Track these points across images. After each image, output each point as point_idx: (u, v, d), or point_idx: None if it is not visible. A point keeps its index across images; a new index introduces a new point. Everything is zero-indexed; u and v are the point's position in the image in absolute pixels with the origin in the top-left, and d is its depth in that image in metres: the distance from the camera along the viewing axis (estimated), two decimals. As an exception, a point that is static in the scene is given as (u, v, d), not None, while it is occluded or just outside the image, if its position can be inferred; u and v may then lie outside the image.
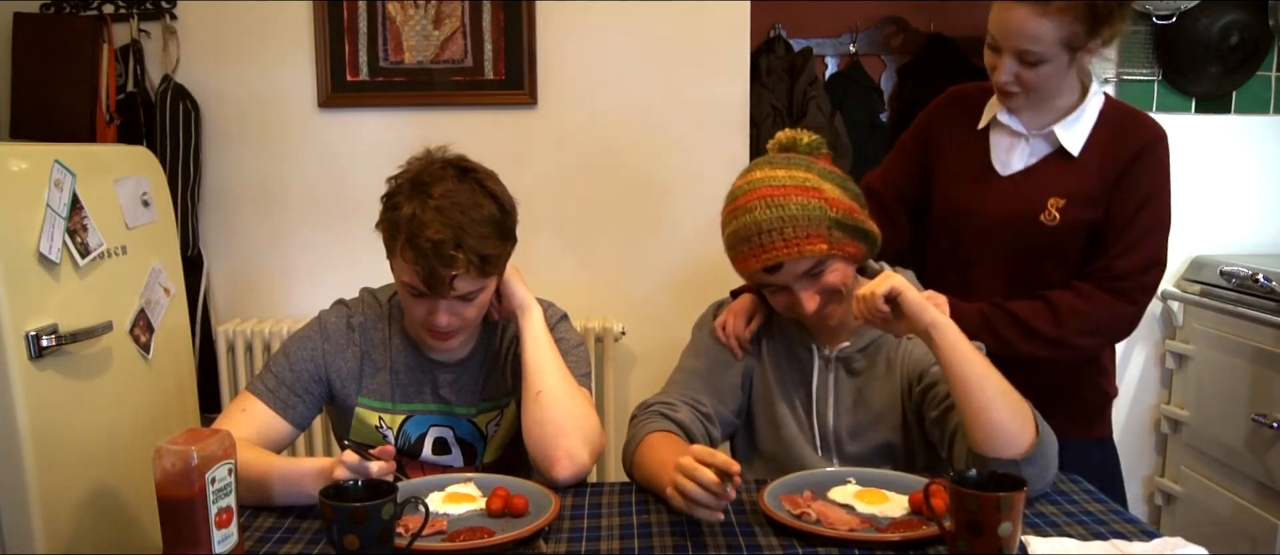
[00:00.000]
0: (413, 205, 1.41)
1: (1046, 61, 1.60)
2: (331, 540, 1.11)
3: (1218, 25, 2.66)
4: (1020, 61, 1.61)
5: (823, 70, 3.88)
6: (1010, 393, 1.32)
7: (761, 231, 1.42)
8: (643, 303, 2.72)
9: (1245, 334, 2.47)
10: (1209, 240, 2.79)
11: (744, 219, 1.44)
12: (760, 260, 1.43)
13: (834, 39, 3.87)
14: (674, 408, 1.50)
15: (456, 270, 1.40)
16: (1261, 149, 2.78)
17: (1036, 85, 1.63)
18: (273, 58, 2.64)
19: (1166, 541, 1.19)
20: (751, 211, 1.44)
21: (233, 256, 2.73)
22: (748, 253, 1.44)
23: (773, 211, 1.42)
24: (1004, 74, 1.62)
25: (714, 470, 1.18)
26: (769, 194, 1.44)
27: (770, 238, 1.42)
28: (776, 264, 1.42)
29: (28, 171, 1.70)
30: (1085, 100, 1.69)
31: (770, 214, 1.42)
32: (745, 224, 1.44)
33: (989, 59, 1.67)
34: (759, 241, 1.42)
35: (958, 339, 1.32)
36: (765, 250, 1.42)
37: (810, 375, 1.56)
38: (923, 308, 1.32)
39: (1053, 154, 1.70)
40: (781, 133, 1.56)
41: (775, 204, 1.42)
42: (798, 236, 1.41)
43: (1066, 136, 1.68)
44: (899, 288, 1.31)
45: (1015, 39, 1.59)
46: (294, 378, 1.53)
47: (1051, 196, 1.67)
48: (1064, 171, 1.68)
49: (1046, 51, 1.58)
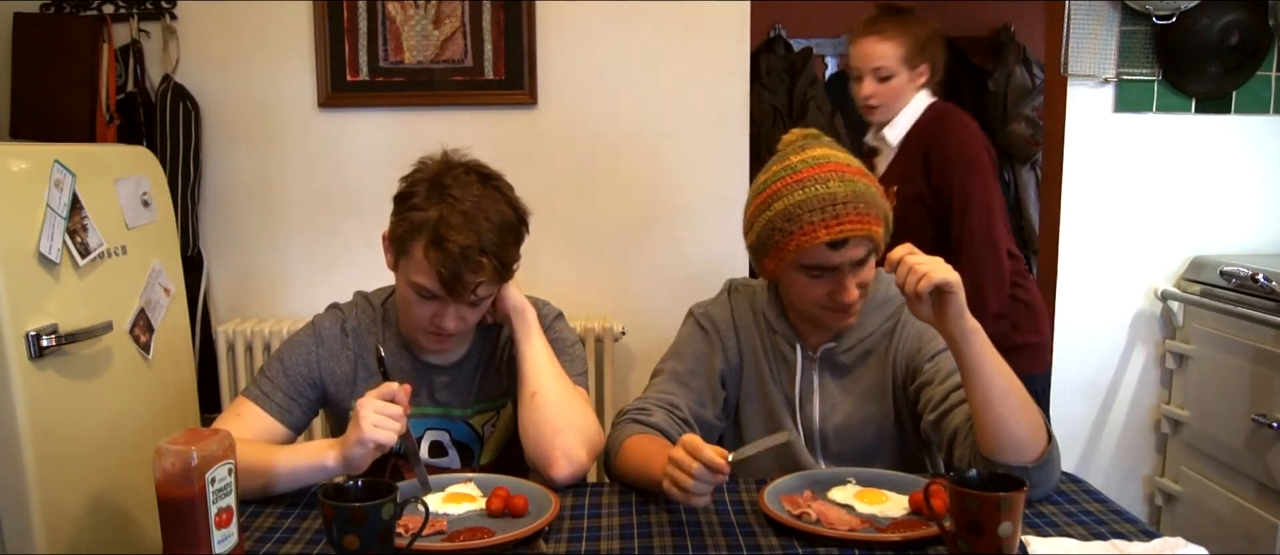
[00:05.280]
0: (438, 208, 1.41)
1: (894, 75, 2.22)
2: (331, 540, 1.11)
3: (1218, 25, 2.66)
4: (876, 79, 2.22)
5: (823, 70, 3.88)
6: (1029, 404, 1.30)
7: (837, 202, 1.38)
8: (643, 303, 2.72)
9: (1245, 334, 2.47)
10: (1209, 240, 2.79)
11: (817, 189, 1.39)
12: (834, 231, 1.38)
13: (834, 39, 3.87)
14: (648, 413, 1.49)
15: (482, 276, 1.41)
16: (1261, 149, 2.78)
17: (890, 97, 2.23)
18: (272, 58, 2.64)
19: (1166, 541, 1.19)
20: (825, 182, 1.39)
21: (233, 256, 2.73)
22: (817, 223, 1.38)
23: (847, 186, 1.39)
24: (866, 90, 2.24)
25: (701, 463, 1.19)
26: (841, 170, 1.41)
27: (846, 210, 1.38)
28: (844, 239, 1.39)
29: (28, 171, 1.70)
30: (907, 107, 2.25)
31: (845, 188, 1.39)
32: (819, 194, 1.39)
33: (854, 87, 2.28)
34: (834, 212, 1.38)
35: (986, 348, 1.28)
36: (841, 222, 1.38)
37: (795, 373, 1.56)
38: (964, 312, 1.27)
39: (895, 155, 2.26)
40: (796, 129, 1.54)
41: (849, 180, 1.41)
42: (870, 215, 1.40)
43: (889, 133, 2.26)
44: (955, 286, 1.25)
45: (869, 61, 2.22)
46: (289, 383, 1.53)
47: (890, 185, 2.19)
48: (895, 164, 2.25)
49: (892, 68, 2.21)
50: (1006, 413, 1.27)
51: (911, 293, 1.27)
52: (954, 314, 1.26)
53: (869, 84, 2.24)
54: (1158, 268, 2.81)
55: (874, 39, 2.22)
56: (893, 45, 2.21)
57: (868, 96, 2.24)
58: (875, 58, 2.22)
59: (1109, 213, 2.77)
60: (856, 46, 2.26)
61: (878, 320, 1.54)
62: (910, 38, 2.22)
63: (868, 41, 2.23)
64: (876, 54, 2.22)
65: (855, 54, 2.27)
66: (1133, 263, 2.80)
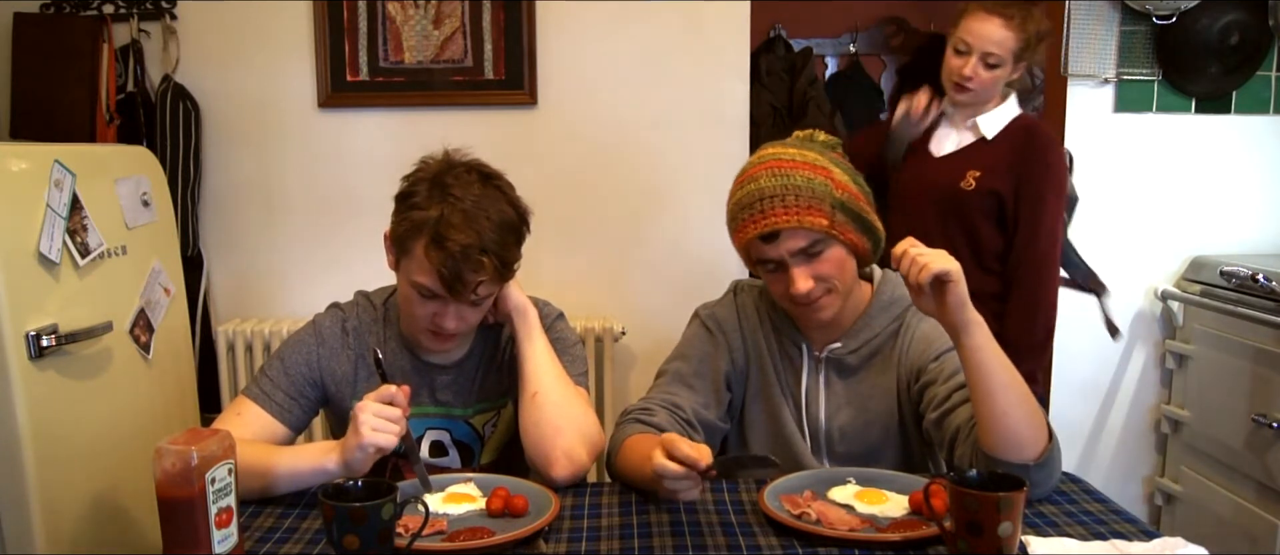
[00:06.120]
0: (439, 207, 1.41)
1: (1001, 65, 2.15)
2: (331, 540, 1.11)
3: (1218, 25, 2.66)
4: (984, 64, 2.14)
5: (823, 70, 3.88)
6: (1029, 399, 1.30)
7: (763, 198, 1.41)
8: (643, 303, 2.72)
9: (1245, 334, 2.47)
10: (1209, 240, 2.79)
11: (748, 188, 1.44)
12: (759, 226, 1.41)
13: (834, 39, 3.87)
14: (651, 413, 1.49)
15: (483, 275, 1.41)
16: (1261, 149, 2.78)
17: (987, 85, 2.17)
18: (272, 58, 2.64)
19: (1166, 541, 1.19)
20: (756, 180, 1.43)
21: (233, 256, 2.73)
22: (747, 220, 1.43)
23: (777, 180, 1.41)
24: (969, 70, 2.15)
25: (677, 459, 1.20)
26: (776, 165, 1.43)
27: (771, 204, 1.40)
28: (773, 232, 1.40)
29: (28, 171, 1.70)
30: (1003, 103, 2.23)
31: (774, 182, 1.41)
32: (748, 192, 1.43)
33: (956, 61, 2.18)
34: (759, 208, 1.41)
35: (988, 341, 1.28)
36: (765, 217, 1.40)
37: (800, 375, 1.56)
38: (965, 303, 1.27)
39: (975, 142, 2.23)
40: (798, 131, 1.56)
41: (781, 174, 1.42)
42: (799, 207, 1.40)
43: (985, 123, 2.22)
44: (955, 275, 1.25)
45: (985, 43, 2.13)
46: (289, 382, 1.53)
47: (970, 169, 2.19)
48: (980, 152, 2.21)
49: (1004, 58, 2.14)
50: (1007, 407, 1.27)
51: (913, 284, 1.28)
52: (954, 304, 1.27)
53: (974, 65, 2.14)
54: (1158, 268, 2.81)
55: (999, 22, 2.11)
56: (1013, 35, 2.11)
57: (968, 78, 2.15)
58: (993, 41, 2.12)
59: (1109, 213, 2.78)
60: (977, 22, 2.13)
61: (884, 321, 1.54)
62: (1031, 32, 2.14)
63: (991, 23, 2.12)
64: (996, 38, 2.12)
65: (972, 30, 2.13)
66: (1133, 263, 2.80)
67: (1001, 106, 2.22)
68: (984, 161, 2.19)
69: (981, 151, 2.21)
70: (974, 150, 2.23)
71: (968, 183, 2.17)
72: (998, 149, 2.20)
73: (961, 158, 2.23)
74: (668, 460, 1.21)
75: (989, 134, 2.21)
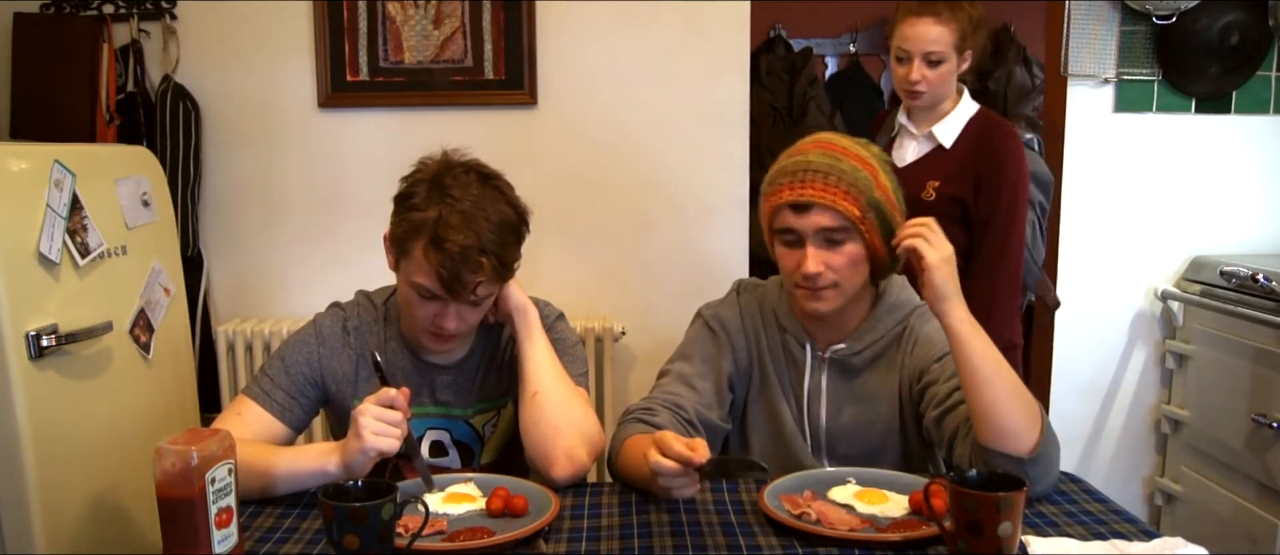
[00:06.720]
0: (437, 208, 1.41)
1: (945, 61, 2.15)
2: (331, 540, 1.11)
3: (1218, 25, 2.66)
4: (927, 64, 2.14)
5: (823, 70, 3.88)
6: (1022, 391, 1.32)
7: (807, 169, 1.43)
8: (643, 303, 2.72)
9: (1245, 334, 2.47)
10: (1209, 240, 2.79)
11: (795, 158, 1.46)
12: (794, 193, 1.43)
13: (834, 39, 3.87)
14: (653, 413, 1.49)
15: (482, 276, 1.41)
16: (1261, 149, 2.78)
17: (937, 84, 2.16)
18: (272, 58, 2.64)
19: (1166, 541, 1.19)
20: (805, 154, 1.46)
21: (233, 256, 2.73)
22: (784, 185, 1.45)
23: (825, 159, 1.44)
24: (915, 74, 2.15)
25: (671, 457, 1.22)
26: (829, 147, 1.47)
27: (812, 177, 1.43)
28: (806, 203, 1.42)
29: (28, 171, 1.70)
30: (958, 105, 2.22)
31: (822, 160, 1.44)
32: (795, 161, 1.46)
33: (901, 69, 2.19)
34: (800, 177, 1.43)
35: (973, 329, 1.32)
36: (803, 186, 1.43)
37: (803, 374, 1.56)
38: (944, 295, 1.33)
39: (933, 149, 2.22)
40: None
41: (831, 155, 1.45)
42: (839, 188, 1.42)
43: (942, 132, 2.21)
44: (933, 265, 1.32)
45: (923, 44, 2.13)
46: (289, 381, 1.53)
47: (930, 180, 2.17)
48: (939, 160, 2.20)
49: (945, 52, 2.14)
50: (996, 396, 1.29)
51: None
52: (931, 293, 1.34)
53: (919, 68, 2.15)
54: (1158, 268, 2.81)
55: (929, 21, 2.13)
56: (947, 29, 2.13)
57: (916, 82, 2.15)
58: (928, 41, 2.13)
59: (1109, 213, 2.78)
60: (909, 27, 2.15)
61: (889, 324, 1.55)
62: (965, 21, 2.15)
63: (923, 23, 2.13)
64: (930, 37, 2.13)
65: (907, 36, 2.15)
66: (1133, 263, 2.80)
67: (957, 109, 2.21)
68: (943, 170, 2.19)
69: (940, 159, 2.21)
70: (934, 158, 2.22)
71: (928, 193, 2.16)
72: (956, 153, 2.20)
73: (921, 167, 2.22)
74: (662, 457, 1.22)
75: (947, 143, 2.20)
